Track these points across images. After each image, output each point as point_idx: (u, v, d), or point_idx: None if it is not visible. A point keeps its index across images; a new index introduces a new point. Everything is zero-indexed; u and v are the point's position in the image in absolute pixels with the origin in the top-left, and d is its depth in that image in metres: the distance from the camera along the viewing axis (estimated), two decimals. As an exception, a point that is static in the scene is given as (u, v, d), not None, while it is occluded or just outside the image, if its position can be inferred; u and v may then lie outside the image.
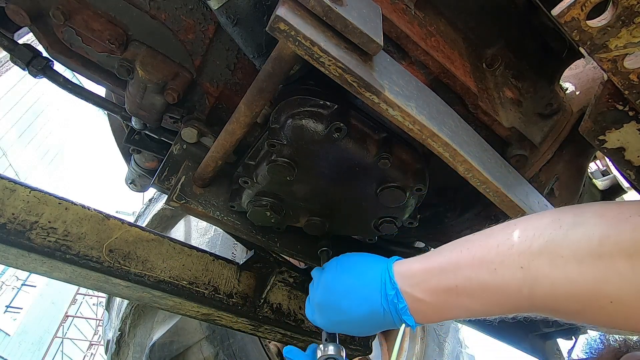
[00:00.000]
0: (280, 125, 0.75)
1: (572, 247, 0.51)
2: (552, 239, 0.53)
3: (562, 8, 0.48)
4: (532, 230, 0.56)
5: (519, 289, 0.55)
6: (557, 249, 0.52)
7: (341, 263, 0.81)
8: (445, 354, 2.79)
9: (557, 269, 0.51)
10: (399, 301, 0.66)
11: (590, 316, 0.53)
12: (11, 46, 0.86)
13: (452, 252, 0.63)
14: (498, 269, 0.56)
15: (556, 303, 0.54)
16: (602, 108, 0.62)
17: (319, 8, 0.58)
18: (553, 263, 0.52)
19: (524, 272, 0.54)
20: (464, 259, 0.60)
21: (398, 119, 0.65)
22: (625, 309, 0.49)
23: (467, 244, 0.63)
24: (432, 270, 0.64)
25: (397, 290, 0.66)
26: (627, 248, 0.47)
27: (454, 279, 0.61)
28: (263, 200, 0.85)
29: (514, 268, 0.55)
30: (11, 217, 0.92)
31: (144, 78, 0.84)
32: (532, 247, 0.54)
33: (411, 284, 0.65)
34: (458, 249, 0.63)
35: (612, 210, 0.52)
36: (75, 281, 1.09)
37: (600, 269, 0.49)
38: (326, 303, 0.77)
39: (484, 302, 0.59)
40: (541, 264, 0.53)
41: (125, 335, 2.01)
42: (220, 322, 1.27)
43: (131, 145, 1.09)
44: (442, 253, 0.66)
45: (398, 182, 0.81)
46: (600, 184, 1.55)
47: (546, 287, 0.53)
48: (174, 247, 1.15)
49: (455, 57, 0.86)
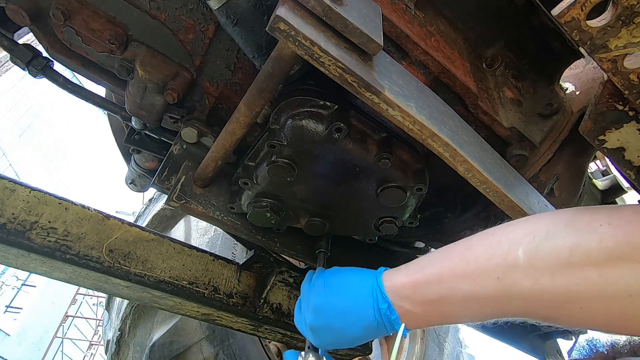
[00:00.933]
0: (280, 126, 0.75)
1: (545, 259, 0.55)
2: (526, 252, 0.57)
3: (562, 8, 0.48)
4: (507, 243, 0.59)
5: (496, 297, 0.59)
6: (530, 261, 0.56)
7: (329, 284, 0.79)
8: (445, 354, 2.79)
9: (531, 280, 0.55)
10: (391, 313, 0.70)
11: (563, 320, 0.57)
12: (11, 46, 0.86)
13: (435, 265, 0.68)
14: (477, 280, 0.60)
15: (531, 310, 0.58)
16: (602, 108, 0.62)
17: (319, 8, 0.58)
18: (527, 274, 0.56)
19: (500, 283, 0.58)
20: (446, 272, 0.65)
21: (398, 119, 0.65)
22: (594, 313, 0.52)
23: (449, 256, 0.67)
24: (418, 283, 0.68)
25: (389, 303, 0.70)
26: (595, 257, 0.51)
27: (439, 291, 0.65)
28: (263, 201, 0.85)
29: (491, 279, 0.59)
30: (11, 217, 0.92)
31: (144, 78, 0.84)
32: (507, 260, 0.58)
33: (400, 297, 0.69)
34: (440, 261, 0.67)
35: (584, 220, 0.55)
36: (75, 281, 1.09)
37: (571, 278, 0.52)
38: (319, 326, 0.77)
39: (466, 310, 0.64)
40: (516, 275, 0.57)
41: (125, 335, 2.01)
42: (220, 322, 1.27)
43: (131, 145, 1.09)
44: (427, 266, 0.69)
45: (398, 182, 0.81)
46: (600, 184, 1.55)
47: (521, 296, 0.57)
48: (174, 247, 1.15)
49: (455, 57, 0.86)
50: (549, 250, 0.55)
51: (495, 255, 0.59)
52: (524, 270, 0.56)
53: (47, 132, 10.65)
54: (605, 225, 0.52)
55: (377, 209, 0.87)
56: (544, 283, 0.54)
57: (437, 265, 0.67)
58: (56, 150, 10.99)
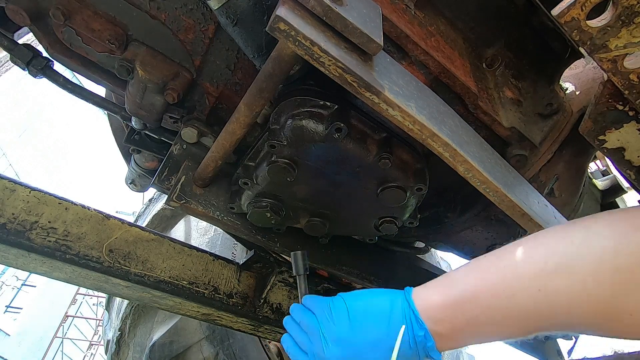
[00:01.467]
0: (280, 126, 0.75)
1: (587, 262, 0.51)
2: (565, 256, 0.53)
3: (562, 8, 0.48)
4: (544, 249, 0.55)
5: (538, 311, 0.55)
6: (571, 266, 0.52)
7: (354, 311, 0.68)
8: (445, 353, 2.79)
9: (575, 286, 0.51)
10: (427, 340, 0.63)
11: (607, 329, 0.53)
12: (11, 46, 0.86)
13: (469, 281, 0.61)
14: (516, 294, 0.55)
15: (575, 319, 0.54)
16: (602, 108, 0.62)
17: (319, 8, 0.58)
18: (569, 280, 0.51)
19: (541, 294, 0.54)
20: (482, 289, 0.59)
21: (398, 119, 0.65)
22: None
23: (483, 270, 0.61)
24: (452, 304, 0.62)
25: (426, 330, 0.63)
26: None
27: (474, 310, 0.60)
28: (263, 201, 0.85)
29: (532, 291, 0.54)
30: (11, 217, 0.92)
31: (144, 78, 0.84)
32: (546, 268, 0.53)
33: (434, 321, 0.63)
34: (473, 276, 0.62)
35: (623, 220, 0.51)
36: (75, 281, 1.09)
37: (618, 281, 0.48)
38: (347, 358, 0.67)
39: (505, 327, 0.59)
40: (558, 284, 0.52)
41: (125, 335, 2.01)
42: (220, 322, 1.27)
43: (131, 145, 1.09)
44: (460, 282, 0.63)
45: (398, 181, 0.81)
46: (600, 184, 1.55)
47: (565, 305, 0.53)
48: (174, 247, 1.15)
49: (455, 57, 0.86)
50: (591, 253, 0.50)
51: (533, 264, 0.55)
52: (566, 278, 0.51)
53: (47, 132, 10.65)
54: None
55: (377, 208, 0.87)
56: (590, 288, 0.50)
57: (471, 281, 0.61)
58: (56, 150, 10.98)
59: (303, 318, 0.73)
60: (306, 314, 0.73)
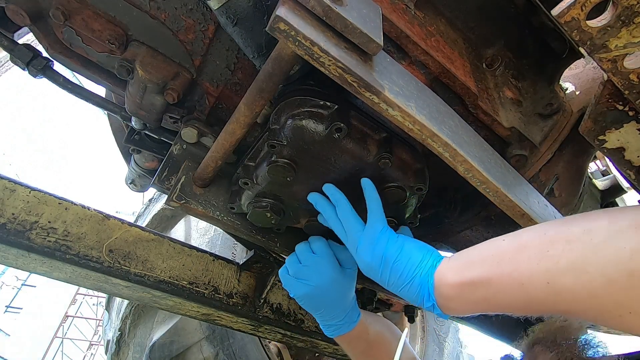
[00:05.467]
0: (280, 125, 0.75)
1: (601, 263, 0.51)
2: (581, 254, 0.54)
3: (562, 8, 0.48)
4: (562, 244, 0.56)
5: (543, 301, 0.58)
6: (584, 265, 0.53)
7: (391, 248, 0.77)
8: (445, 354, 2.79)
9: (581, 285, 0.53)
10: (434, 309, 0.72)
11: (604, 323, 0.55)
12: (11, 46, 0.86)
13: (484, 266, 0.65)
14: (525, 284, 0.59)
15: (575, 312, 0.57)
16: (602, 108, 0.62)
17: (319, 8, 0.58)
18: (578, 279, 0.53)
19: (549, 288, 0.56)
20: (496, 275, 0.63)
21: (398, 119, 0.65)
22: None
23: (498, 256, 0.64)
24: (465, 286, 0.67)
25: (434, 303, 0.71)
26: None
27: (485, 293, 0.65)
28: (263, 201, 0.85)
29: (541, 283, 0.57)
30: (11, 217, 0.92)
31: (144, 78, 0.84)
32: (559, 264, 0.55)
33: (446, 298, 0.70)
34: (490, 262, 0.65)
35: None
36: (75, 281, 1.09)
37: (628, 284, 0.49)
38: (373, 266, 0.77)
39: (509, 309, 0.64)
40: (566, 281, 0.54)
41: (125, 335, 2.01)
42: (220, 322, 1.27)
43: (131, 145, 1.09)
44: (475, 265, 0.67)
45: (398, 181, 0.81)
46: (600, 184, 1.55)
47: (569, 301, 0.55)
48: (174, 247, 1.15)
49: (455, 57, 0.86)
50: (608, 254, 0.51)
51: (547, 257, 0.57)
52: (575, 276, 0.53)
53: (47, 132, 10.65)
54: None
55: (377, 209, 0.87)
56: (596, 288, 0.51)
57: (487, 267, 0.65)
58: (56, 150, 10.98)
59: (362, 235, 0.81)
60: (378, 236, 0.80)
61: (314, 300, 0.90)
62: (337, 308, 0.91)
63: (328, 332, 0.96)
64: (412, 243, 0.78)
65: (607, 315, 0.53)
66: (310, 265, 0.88)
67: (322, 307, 0.91)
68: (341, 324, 0.93)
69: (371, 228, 0.78)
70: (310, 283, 0.88)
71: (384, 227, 0.79)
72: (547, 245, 0.58)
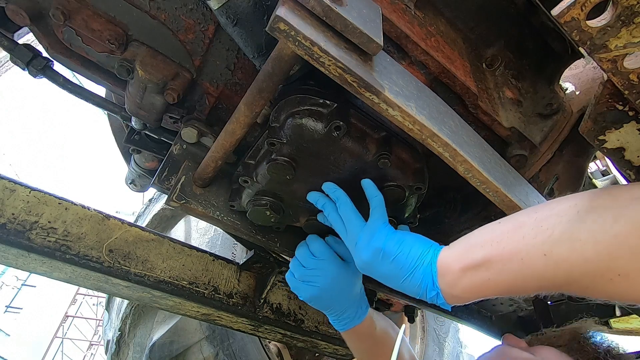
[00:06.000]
0: (280, 124, 0.75)
1: (589, 229, 0.55)
2: (571, 224, 0.58)
3: (562, 8, 0.48)
4: (554, 218, 0.61)
5: (543, 273, 0.60)
6: (575, 234, 0.57)
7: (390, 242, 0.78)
8: (445, 354, 2.79)
9: (576, 252, 0.56)
10: (438, 299, 0.73)
11: (597, 289, 0.58)
12: (11, 46, 0.86)
13: (484, 249, 0.68)
14: (525, 259, 0.61)
15: (573, 282, 0.59)
16: (602, 108, 0.62)
17: (319, 8, 0.58)
18: (572, 247, 0.56)
19: (546, 259, 0.59)
20: (496, 254, 0.65)
21: (398, 119, 0.65)
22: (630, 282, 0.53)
23: (497, 238, 0.67)
24: (467, 270, 0.69)
25: (438, 292, 0.72)
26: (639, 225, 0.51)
27: (487, 273, 0.66)
28: (263, 199, 0.85)
29: (539, 256, 0.60)
30: (11, 217, 0.92)
31: (144, 78, 0.84)
32: (553, 235, 0.59)
33: (449, 285, 0.71)
34: (489, 243, 0.68)
35: (626, 192, 0.56)
36: (75, 281, 1.09)
37: (614, 246, 0.53)
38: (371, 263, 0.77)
39: (512, 288, 0.66)
40: (562, 250, 0.58)
41: (125, 335, 2.01)
42: (220, 322, 1.27)
43: (131, 145, 1.09)
44: (475, 249, 0.69)
45: (398, 181, 0.81)
46: (600, 184, 1.55)
47: (566, 269, 0.58)
48: (174, 247, 1.15)
49: (455, 57, 0.86)
50: (593, 220, 0.55)
51: (541, 231, 0.60)
52: (569, 245, 0.57)
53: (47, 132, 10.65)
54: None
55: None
56: (588, 253, 0.55)
57: (487, 250, 0.67)
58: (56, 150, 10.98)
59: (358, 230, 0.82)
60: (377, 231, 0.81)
61: (323, 300, 0.91)
62: (347, 302, 0.92)
63: (340, 327, 0.97)
64: (411, 236, 0.79)
65: (599, 281, 0.56)
66: (314, 268, 0.90)
67: (332, 304, 0.92)
68: (352, 317, 0.94)
69: (373, 224, 0.79)
70: (316, 284, 0.89)
71: (385, 223, 0.80)
72: (541, 222, 0.62)
